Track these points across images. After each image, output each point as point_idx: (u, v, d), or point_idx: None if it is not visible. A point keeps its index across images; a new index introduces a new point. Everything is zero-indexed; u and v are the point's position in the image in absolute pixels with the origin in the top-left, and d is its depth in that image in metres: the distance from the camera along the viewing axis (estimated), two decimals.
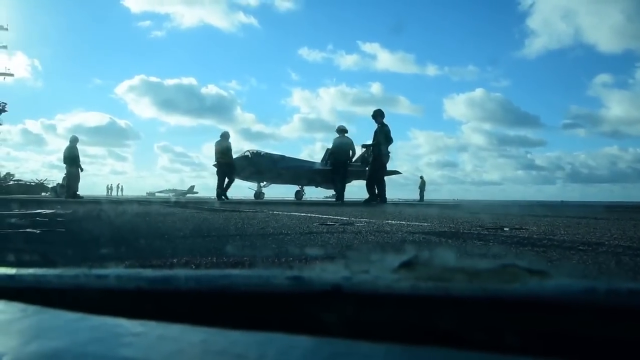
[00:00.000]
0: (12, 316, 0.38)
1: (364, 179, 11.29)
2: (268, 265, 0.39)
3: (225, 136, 13.82)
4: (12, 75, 27.61)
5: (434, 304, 0.35)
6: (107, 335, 0.33)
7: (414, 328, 0.34)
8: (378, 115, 10.71)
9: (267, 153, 21.83)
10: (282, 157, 22.07)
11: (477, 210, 6.55)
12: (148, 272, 0.43)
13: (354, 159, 12.96)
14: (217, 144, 13.63)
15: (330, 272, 0.36)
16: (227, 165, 13.48)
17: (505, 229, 3.19)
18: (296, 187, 22.33)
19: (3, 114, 25.68)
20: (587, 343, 0.32)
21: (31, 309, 0.40)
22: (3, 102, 25.16)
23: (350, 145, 12.20)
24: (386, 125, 10.77)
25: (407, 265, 0.37)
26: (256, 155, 21.35)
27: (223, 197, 12.88)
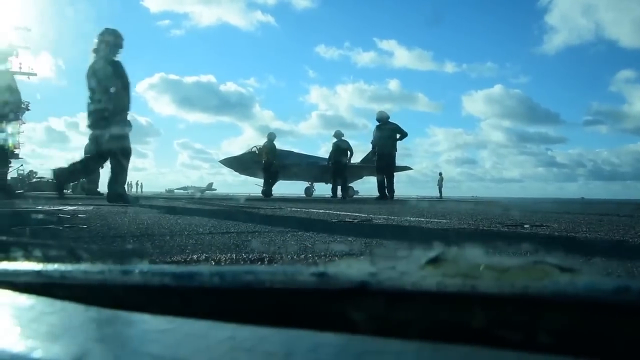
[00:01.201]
0: (41, 311, 0.39)
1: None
2: (293, 261, 0.38)
3: (271, 137, 14.79)
4: (35, 74, 28.02)
5: (462, 301, 0.34)
6: (134, 331, 0.33)
7: (441, 325, 0.33)
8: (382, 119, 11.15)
9: (293, 151, 21.85)
10: (290, 153, 21.99)
11: (497, 208, 6.49)
12: (172, 268, 0.43)
13: (351, 159, 14.39)
14: (264, 144, 14.72)
15: (355, 269, 0.36)
16: (272, 165, 14.43)
17: (525, 226, 3.15)
18: (305, 184, 22.27)
19: (26, 112, 26.13)
20: (619, 343, 0.31)
21: (58, 304, 0.40)
22: (26, 102, 25.60)
23: (347, 148, 13.66)
24: (393, 123, 11.21)
25: (433, 261, 0.36)
26: (282, 153, 21.36)
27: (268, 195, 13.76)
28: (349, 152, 13.68)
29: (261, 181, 21.32)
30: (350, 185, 22.01)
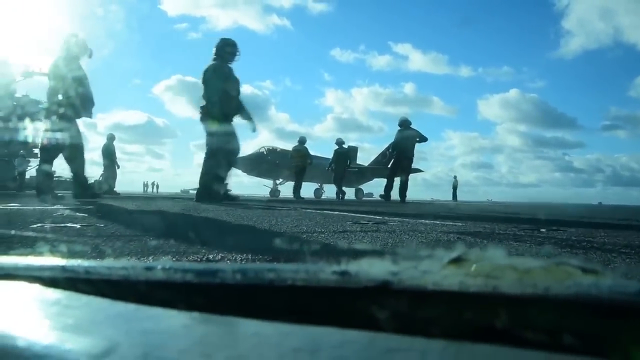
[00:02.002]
0: (67, 305, 0.40)
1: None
2: (315, 259, 0.39)
3: (302, 141, 15.90)
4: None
5: (483, 301, 0.34)
6: (159, 326, 0.33)
7: (462, 325, 0.33)
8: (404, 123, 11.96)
9: (283, 149, 21.69)
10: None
11: (513, 211, 6.43)
12: (195, 265, 0.44)
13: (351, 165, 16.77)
14: (297, 148, 15.69)
15: (377, 268, 0.36)
16: (303, 168, 15.37)
17: (542, 230, 3.12)
18: (314, 185, 22.19)
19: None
20: None
21: (84, 298, 0.41)
22: (45, 101, 25.91)
23: (348, 155, 16.14)
24: (413, 129, 11.87)
25: (455, 261, 0.36)
26: (271, 151, 21.23)
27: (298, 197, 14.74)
28: (348, 160, 16.11)
29: (270, 182, 21.24)
30: (360, 187, 22.22)
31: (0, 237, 2.26)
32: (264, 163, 20.73)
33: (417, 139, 11.88)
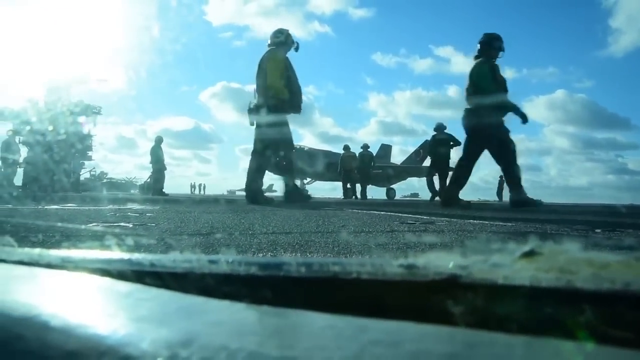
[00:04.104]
0: (138, 297, 0.41)
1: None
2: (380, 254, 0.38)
3: (346, 148, 17.50)
4: (106, 80, 29.31)
5: (556, 296, 0.33)
6: (231, 318, 0.34)
7: (535, 320, 0.32)
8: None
9: (310, 148, 21.58)
10: (327, 153, 21.76)
11: (564, 212, 6.23)
12: (258, 259, 0.44)
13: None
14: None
15: (445, 261, 0.35)
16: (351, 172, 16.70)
17: (597, 230, 3.01)
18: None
19: (99, 116, 27.43)
20: None
21: (153, 290, 0.42)
22: (98, 106, 26.91)
23: (371, 157, 17.72)
24: (447, 133, 12.59)
25: (527, 255, 0.35)
26: (298, 150, 21.18)
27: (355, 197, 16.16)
28: (372, 162, 17.74)
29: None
30: (392, 187, 22.39)
31: (70, 232, 2.36)
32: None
33: (451, 143, 12.38)
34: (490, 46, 6.68)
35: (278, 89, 6.84)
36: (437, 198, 12.02)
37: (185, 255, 0.48)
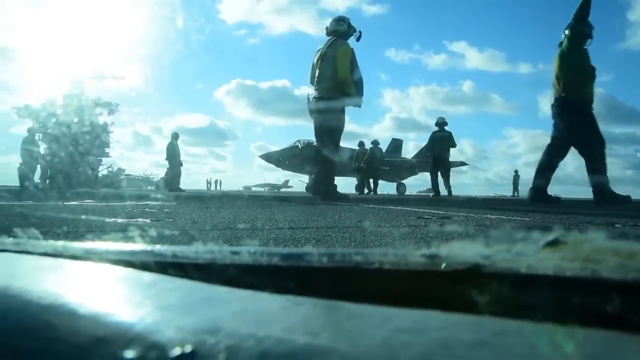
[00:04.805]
0: (162, 287, 0.41)
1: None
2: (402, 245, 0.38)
3: (361, 144, 18.46)
4: (123, 78, 29.55)
5: (581, 286, 0.33)
6: (256, 307, 0.34)
7: (561, 309, 0.32)
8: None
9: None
10: (343, 148, 21.56)
11: (581, 206, 6.15)
12: (279, 249, 0.45)
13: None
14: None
15: (468, 251, 0.35)
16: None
17: (616, 225, 2.97)
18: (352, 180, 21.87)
19: (116, 114, 27.71)
20: None
21: (177, 281, 0.43)
22: (115, 103, 27.20)
23: (381, 153, 18.69)
24: (447, 131, 12.89)
25: (551, 244, 0.35)
26: (307, 145, 20.88)
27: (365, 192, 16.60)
28: (381, 157, 18.59)
29: (305, 177, 21.08)
30: (402, 182, 22.38)
31: (91, 226, 2.40)
32: (299, 157, 20.34)
33: (450, 144, 12.82)
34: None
35: (347, 80, 6.70)
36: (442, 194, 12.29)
37: (207, 247, 0.49)
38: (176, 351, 0.26)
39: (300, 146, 21.22)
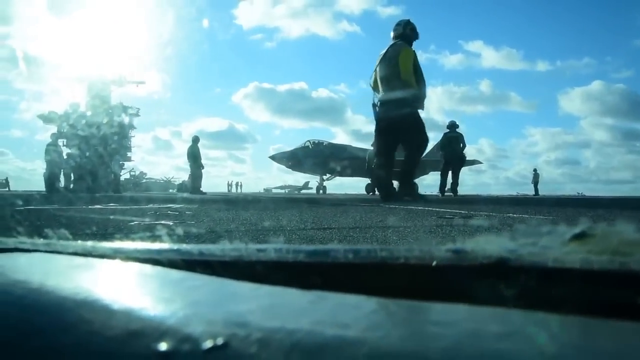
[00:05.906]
0: (190, 285, 0.42)
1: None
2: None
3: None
4: (144, 83, 29.91)
5: (609, 278, 0.33)
6: (284, 302, 0.34)
7: (587, 302, 0.32)
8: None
9: (330, 143, 21.01)
10: (347, 147, 21.19)
11: (605, 205, 6.03)
12: (304, 247, 0.45)
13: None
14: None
15: (494, 245, 0.35)
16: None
17: None
18: (362, 180, 21.62)
19: (136, 118, 28.07)
20: None
21: (205, 278, 0.43)
22: (136, 108, 27.55)
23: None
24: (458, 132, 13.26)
25: (578, 237, 0.35)
26: (317, 145, 20.58)
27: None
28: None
29: (316, 177, 20.70)
30: (414, 181, 22.08)
31: (117, 227, 2.43)
32: (310, 157, 20.15)
33: (461, 145, 13.15)
34: None
35: (411, 82, 6.70)
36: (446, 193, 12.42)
37: (233, 245, 0.49)
38: (208, 343, 0.26)
39: (310, 146, 21.03)
